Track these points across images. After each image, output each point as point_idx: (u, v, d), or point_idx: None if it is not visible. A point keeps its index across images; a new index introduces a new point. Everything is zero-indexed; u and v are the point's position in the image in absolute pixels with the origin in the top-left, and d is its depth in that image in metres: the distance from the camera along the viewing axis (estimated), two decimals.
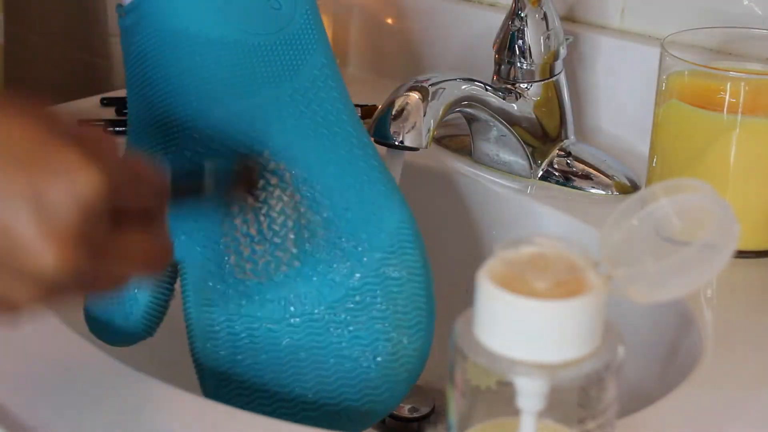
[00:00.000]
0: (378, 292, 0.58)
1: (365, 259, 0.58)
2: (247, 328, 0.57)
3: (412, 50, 0.94)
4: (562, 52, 0.78)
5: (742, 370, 0.57)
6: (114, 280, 0.46)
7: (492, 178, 0.80)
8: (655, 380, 0.63)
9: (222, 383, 0.57)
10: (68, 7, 1.07)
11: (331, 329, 0.57)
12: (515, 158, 0.79)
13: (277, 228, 0.57)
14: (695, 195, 0.42)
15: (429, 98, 0.73)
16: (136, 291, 0.57)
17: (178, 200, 0.52)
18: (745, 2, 0.78)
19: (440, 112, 0.73)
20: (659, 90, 0.70)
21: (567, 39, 0.79)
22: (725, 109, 0.66)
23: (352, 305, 0.58)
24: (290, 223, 0.57)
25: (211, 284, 0.57)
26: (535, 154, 0.79)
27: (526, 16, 0.76)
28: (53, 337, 0.57)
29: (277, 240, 0.57)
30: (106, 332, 0.59)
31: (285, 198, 0.57)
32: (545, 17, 0.77)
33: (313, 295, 0.57)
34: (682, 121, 0.69)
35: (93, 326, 0.59)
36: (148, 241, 0.46)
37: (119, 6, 0.59)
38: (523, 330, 0.39)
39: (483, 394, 0.41)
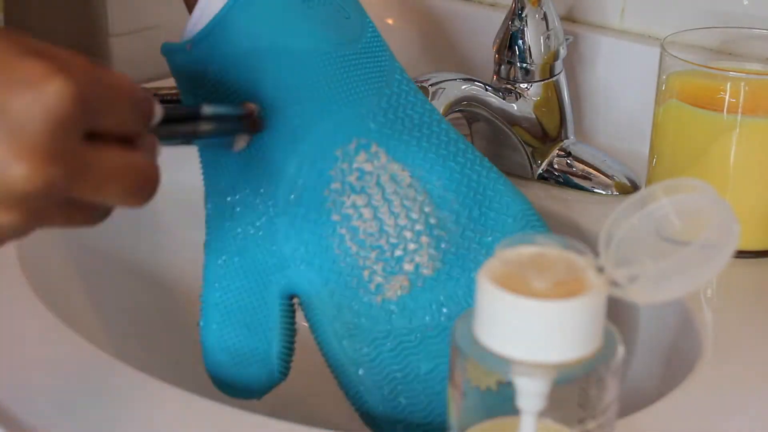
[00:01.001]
0: None
1: None
2: (402, 341, 0.54)
3: (412, 50, 0.94)
4: (562, 52, 0.78)
5: (742, 370, 0.57)
6: (98, 205, 0.43)
7: None
8: (655, 380, 0.63)
9: (390, 406, 0.54)
10: (68, 8, 1.07)
11: None
12: (515, 158, 0.79)
13: (408, 234, 0.55)
14: (695, 195, 0.42)
15: (429, 98, 0.73)
16: (268, 335, 0.55)
17: (170, 141, 0.49)
18: (745, 2, 0.78)
19: (440, 112, 0.73)
20: (659, 90, 0.70)
21: (567, 39, 0.79)
22: (725, 109, 0.66)
23: None
24: (420, 226, 0.55)
25: (347, 306, 0.54)
26: (535, 154, 0.79)
27: (526, 16, 0.76)
28: (53, 336, 0.57)
29: (411, 246, 0.55)
30: (241, 384, 0.56)
31: (407, 202, 0.55)
32: (545, 17, 0.77)
33: (464, 292, 0.55)
34: (682, 121, 0.69)
35: (224, 385, 0.57)
36: (131, 162, 0.42)
37: (177, 44, 0.55)
38: (523, 330, 0.39)
39: (483, 394, 0.41)
